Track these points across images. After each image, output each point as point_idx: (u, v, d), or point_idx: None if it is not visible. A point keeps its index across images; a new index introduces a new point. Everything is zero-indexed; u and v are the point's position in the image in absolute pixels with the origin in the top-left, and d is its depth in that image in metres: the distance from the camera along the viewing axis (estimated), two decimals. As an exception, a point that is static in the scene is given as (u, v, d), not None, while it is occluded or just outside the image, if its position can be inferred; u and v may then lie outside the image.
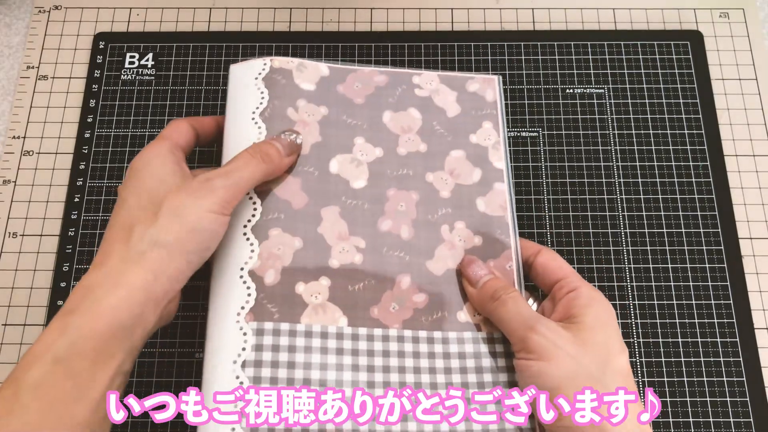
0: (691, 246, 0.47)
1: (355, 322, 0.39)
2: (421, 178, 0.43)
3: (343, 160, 0.42)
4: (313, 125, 0.43)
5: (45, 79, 0.52)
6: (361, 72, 0.45)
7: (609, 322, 0.37)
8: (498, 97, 0.46)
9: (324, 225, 0.41)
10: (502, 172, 0.43)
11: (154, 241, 0.34)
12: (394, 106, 0.44)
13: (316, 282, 0.39)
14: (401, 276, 0.40)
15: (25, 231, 0.48)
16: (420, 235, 0.41)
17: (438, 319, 0.39)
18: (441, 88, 0.46)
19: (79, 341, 0.32)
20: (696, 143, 0.50)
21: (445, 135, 0.44)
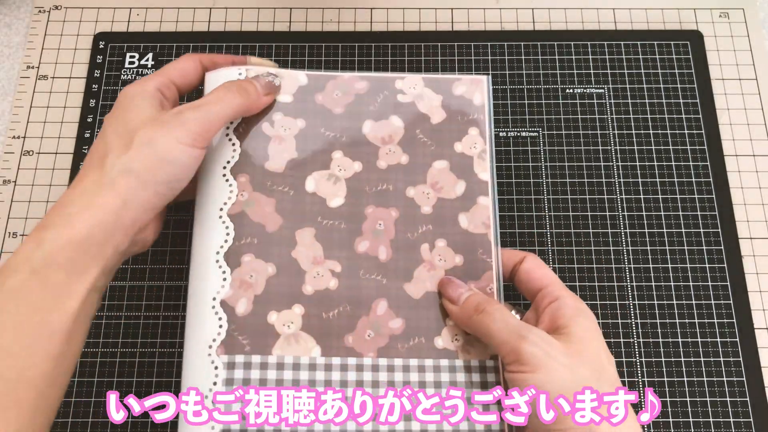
0: (691, 246, 0.47)
1: (328, 351, 0.38)
2: (402, 193, 0.41)
3: (319, 178, 0.41)
4: (289, 140, 0.41)
5: (45, 79, 0.52)
6: (341, 78, 0.43)
7: (596, 334, 0.36)
8: (486, 100, 0.43)
9: (298, 249, 0.39)
10: (486, 185, 0.41)
11: (125, 168, 0.35)
12: (375, 115, 0.43)
13: (289, 311, 0.38)
14: (378, 301, 0.39)
15: (25, 231, 0.48)
16: (398, 256, 0.40)
17: (415, 346, 0.38)
18: (425, 92, 0.43)
19: (53, 252, 0.33)
20: (696, 143, 0.50)
21: (428, 144, 0.42)
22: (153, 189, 0.36)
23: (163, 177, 0.36)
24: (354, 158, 0.42)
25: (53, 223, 0.34)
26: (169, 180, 0.36)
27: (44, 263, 0.33)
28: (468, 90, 0.43)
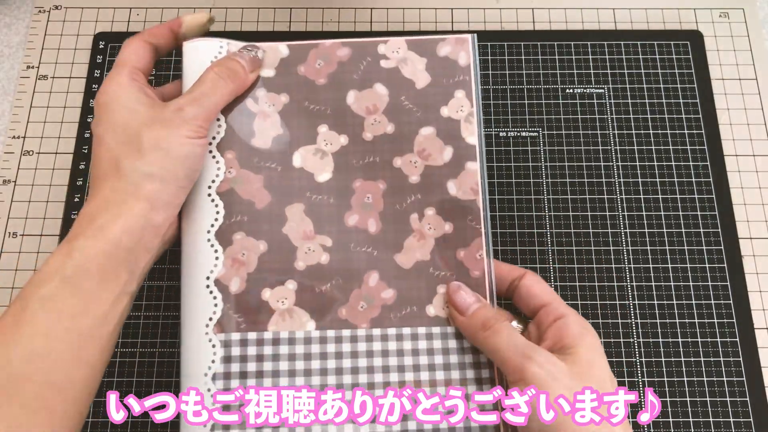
0: (691, 246, 0.47)
1: (322, 325, 0.39)
2: (389, 164, 0.41)
3: (306, 153, 0.41)
4: (274, 116, 0.41)
5: (45, 79, 0.52)
6: (322, 46, 0.42)
7: (600, 353, 0.36)
8: (472, 60, 0.42)
9: (289, 225, 0.40)
10: (474, 149, 0.41)
11: (146, 174, 0.36)
12: (358, 84, 0.42)
13: (282, 287, 0.39)
14: (369, 272, 0.40)
15: (25, 231, 0.48)
16: (388, 227, 0.40)
17: (407, 315, 0.39)
18: (409, 55, 0.42)
19: (85, 262, 0.34)
20: (696, 143, 0.50)
21: (413, 110, 0.42)
22: (175, 186, 0.37)
23: (182, 173, 0.37)
24: (340, 131, 0.42)
25: (83, 234, 0.35)
26: (187, 174, 0.37)
27: (75, 272, 0.34)
28: (453, 50, 0.42)
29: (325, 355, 0.38)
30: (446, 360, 0.38)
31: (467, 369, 0.38)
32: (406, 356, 0.38)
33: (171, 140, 0.36)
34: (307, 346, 0.38)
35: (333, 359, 0.38)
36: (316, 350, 0.38)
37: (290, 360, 0.38)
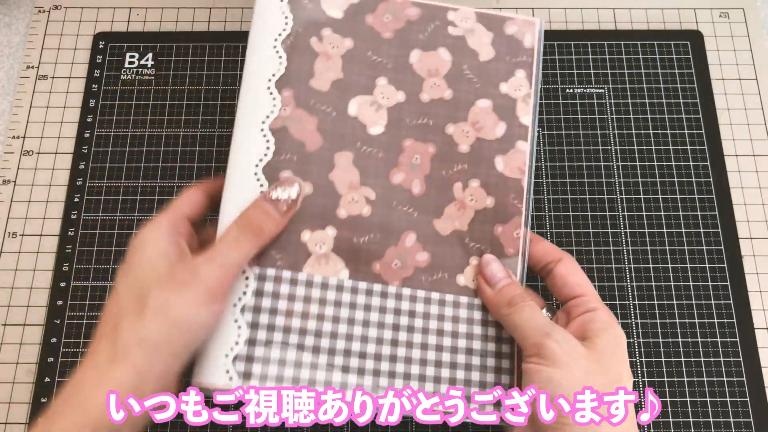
0: (691, 246, 0.47)
1: (356, 275, 0.39)
2: (441, 129, 0.41)
3: (362, 102, 0.41)
4: (336, 59, 0.41)
5: (45, 79, 0.52)
6: (393, 2, 0.43)
7: (622, 350, 0.36)
8: (537, 43, 0.43)
9: (336, 172, 0.40)
10: (527, 129, 0.41)
11: (139, 338, 0.33)
12: (423, 45, 0.42)
13: (323, 231, 0.39)
14: (407, 233, 0.40)
15: (25, 231, 0.48)
16: (431, 191, 0.41)
17: (437, 281, 0.40)
18: (477, 27, 0.43)
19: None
20: (696, 143, 0.50)
21: (473, 81, 0.42)
22: (170, 355, 0.34)
23: (180, 342, 0.34)
24: (398, 87, 0.42)
25: (63, 410, 0.32)
26: (187, 344, 0.35)
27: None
28: (519, 30, 0.43)
29: (354, 306, 0.39)
30: (469, 330, 0.39)
31: (488, 342, 0.39)
32: (431, 320, 0.39)
33: (175, 304, 0.34)
34: (338, 293, 0.39)
35: (362, 310, 0.38)
36: (347, 299, 0.39)
37: (320, 304, 0.38)
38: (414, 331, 0.38)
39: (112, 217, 0.48)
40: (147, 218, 0.48)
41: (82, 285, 0.46)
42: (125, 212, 0.48)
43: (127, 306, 0.34)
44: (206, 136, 0.50)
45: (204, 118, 0.50)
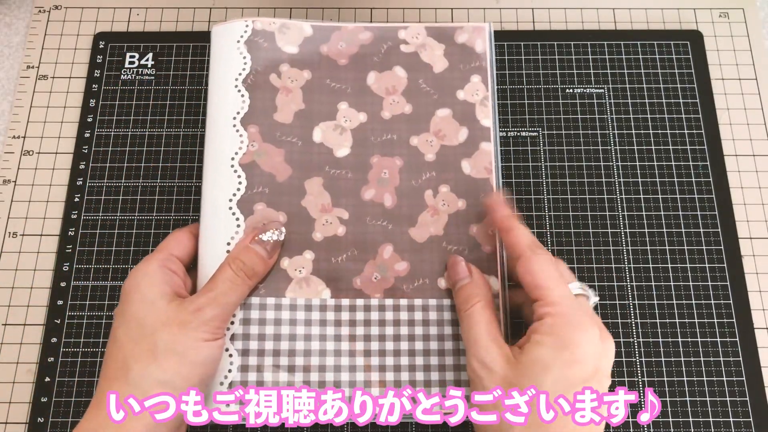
0: (691, 246, 0.47)
1: (338, 293, 0.40)
2: (405, 142, 0.43)
3: (326, 128, 0.42)
4: (296, 92, 0.43)
5: (45, 79, 0.52)
6: (345, 30, 0.45)
7: (547, 363, 0.34)
8: (488, 47, 0.44)
9: (307, 198, 0.41)
10: (489, 131, 0.43)
11: (157, 380, 0.34)
12: (378, 66, 0.44)
13: (300, 256, 0.40)
14: (384, 245, 0.41)
15: (25, 231, 0.48)
16: (403, 202, 0.42)
17: (419, 287, 0.40)
18: (428, 41, 0.44)
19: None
20: (696, 143, 0.50)
21: (431, 93, 0.44)
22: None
23: (196, 379, 0.35)
24: (359, 109, 0.43)
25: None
26: (202, 379, 0.36)
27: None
28: (470, 38, 0.45)
29: (340, 322, 0.39)
30: (455, 332, 0.39)
31: None
32: (416, 326, 0.39)
33: (186, 344, 0.35)
34: (322, 312, 0.39)
35: (347, 326, 0.39)
36: (331, 317, 0.39)
37: (306, 325, 0.39)
38: (401, 340, 0.39)
39: (112, 217, 0.48)
40: (146, 218, 0.48)
41: (82, 285, 0.46)
42: (125, 212, 0.48)
43: (133, 350, 0.35)
44: (206, 136, 0.50)
45: (204, 118, 0.50)
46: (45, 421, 0.43)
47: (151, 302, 0.36)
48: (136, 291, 0.36)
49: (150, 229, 0.47)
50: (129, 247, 0.47)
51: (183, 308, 0.36)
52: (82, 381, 0.44)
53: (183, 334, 0.35)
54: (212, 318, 0.36)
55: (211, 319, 0.36)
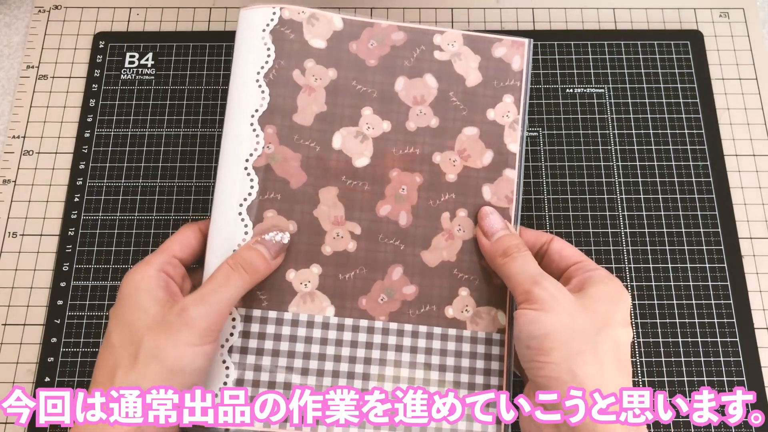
0: (691, 246, 0.47)
1: (342, 312, 0.39)
2: (428, 158, 0.41)
3: (347, 134, 0.41)
4: (320, 92, 0.41)
5: (45, 79, 0.52)
6: (378, 27, 0.42)
7: (617, 300, 0.36)
8: (525, 66, 0.42)
9: (320, 208, 0.40)
10: (514, 157, 0.41)
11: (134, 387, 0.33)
12: (409, 71, 0.41)
13: (307, 270, 0.39)
14: (394, 266, 0.40)
15: (25, 231, 0.48)
16: (418, 222, 0.40)
17: (425, 314, 0.39)
18: (464, 51, 0.42)
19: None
20: (696, 143, 0.50)
21: (460, 108, 0.41)
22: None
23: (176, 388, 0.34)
24: (383, 117, 0.41)
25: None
26: (182, 388, 0.34)
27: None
28: (508, 53, 0.42)
29: (341, 342, 0.38)
30: (458, 363, 0.38)
31: (477, 375, 0.38)
32: (419, 354, 0.39)
33: (167, 349, 0.33)
34: (324, 330, 0.39)
35: (348, 347, 0.38)
36: (333, 336, 0.39)
37: (306, 342, 0.38)
38: (401, 366, 0.38)
39: (112, 217, 0.48)
40: (146, 218, 0.48)
41: (82, 285, 0.46)
42: (125, 212, 0.48)
43: (121, 354, 0.34)
44: (206, 136, 0.50)
45: (204, 118, 0.50)
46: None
47: (144, 308, 0.35)
48: (131, 295, 0.36)
49: (150, 229, 0.47)
50: (129, 247, 0.47)
51: (170, 311, 0.35)
52: (82, 381, 0.44)
53: (166, 338, 0.34)
54: (199, 320, 0.34)
55: (196, 318, 0.34)
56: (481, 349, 0.39)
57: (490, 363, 0.38)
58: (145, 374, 0.33)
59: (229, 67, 0.52)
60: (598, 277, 0.37)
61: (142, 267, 0.37)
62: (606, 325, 0.35)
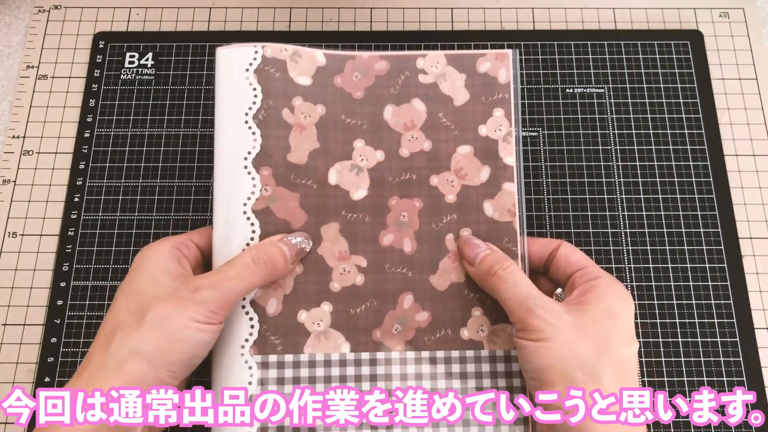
0: (691, 246, 0.47)
1: (357, 347, 0.39)
2: (425, 182, 0.41)
3: (342, 168, 0.41)
4: (311, 129, 0.41)
5: (45, 79, 0.52)
6: (360, 59, 0.42)
7: (619, 314, 0.36)
8: (512, 77, 0.42)
9: (324, 245, 0.40)
10: (512, 170, 0.41)
11: (133, 350, 0.33)
12: (396, 99, 0.42)
13: (318, 308, 0.39)
14: (404, 294, 0.39)
15: (25, 231, 0.48)
16: (423, 248, 0.40)
17: (441, 338, 0.39)
18: (448, 70, 0.42)
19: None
20: (696, 143, 0.50)
21: (451, 128, 0.41)
22: (165, 371, 0.34)
23: (176, 357, 0.34)
24: (376, 147, 0.41)
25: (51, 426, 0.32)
26: (183, 359, 0.34)
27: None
28: (492, 67, 0.42)
29: (360, 378, 0.38)
30: (479, 384, 0.38)
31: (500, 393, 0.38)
32: (439, 380, 0.38)
33: (173, 319, 0.34)
34: (342, 368, 0.38)
35: (367, 382, 0.38)
36: (351, 372, 0.38)
37: (326, 383, 0.38)
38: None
39: (112, 217, 0.48)
40: (146, 218, 0.48)
41: (82, 285, 0.46)
42: (125, 212, 0.48)
43: (123, 319, 0.34)
44: (206, 136, 0.50)
45: (204, 118, 0.50)
46: (45, 421, 0.43)
47: (155, 278, 0.35)
48: (144, 265, 0.36)
49: (150, 229, 0.47)
50: (129, 247, 0.47)
51: (183, 285, 0.35)
52: (82, 381, 0.44)
53: (174, 309, 0.34)
54: (208, 300, 0.35)
55: (207, 301, 0.35)
56: (501, 368, 0.38)
57: (511, 381, 0.38)
58: (147, 339, 0.33)
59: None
60: (600, 289, 0.37)
61: (157, 243, 0.37)
62: (606, 348, 0.35)
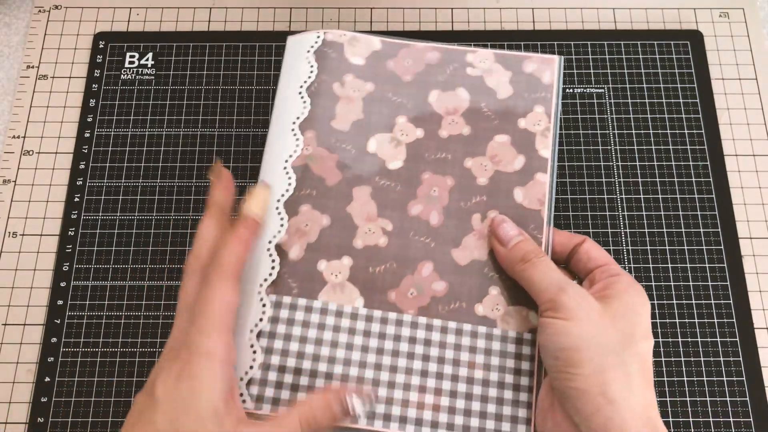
0: (691, 246, 0.47)
1: (371, 304, 0.39)
2: (460, 163, 0.42)
3: (382, 140, 0.42)
4: (357, 102, 0.43)
5: (45, 79, 0.52)
6: (414, 48, 0.44)
7: (640, 310, 0.36)
8: (555, 79, 0.43)
9: (353, 204, 0.41)
10: (546, 162, 0.42)
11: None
12: (442, 85, 0.43)
13: (338, 261, 0.40)
14: (424, 262, 0.40)
15: (25, 231, 0.48)
16: (449, 222, 0.41)
17: (455, 310, 0.39)
18: (495, 67, 0.44)
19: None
20: (696, 143, 0.50)
21: (491, 118, 0.43)
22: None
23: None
24: (417, 125, 0.43)
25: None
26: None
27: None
28: (538, 68, 0.44)
29: (369, 333, 0.39)
30: (487, 360, 0.38)
31: (506, 373, 0.38)
32: (447, 349, 0.39)
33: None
34: (353, 321, 0.39)
35: (376, 338, 0.39)
36: (361, 327, 0.39)
37: (335, 331, 0.38)
38: (429, 360, 0.38)
39: (112, 217, 0.48)
40: (146, 218, 0.48)
41: (82, 285, 0.46)
42: (125, 212, 0.48)
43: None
44: (206, 136, 0.50)
45: (204, 118, 0.50)
46: (45, 421, 0.43)
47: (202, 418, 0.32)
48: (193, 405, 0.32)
49: (150, 229, 0.47)
50: (129, 247, 0.47)
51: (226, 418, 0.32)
52: (82, 381, 0.44)
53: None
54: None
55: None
56: (512, 348, 0.39)
57: (520, 362, 0.38)
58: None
59: (229, 67, 0.52)
60: (621, 285, 0.37)
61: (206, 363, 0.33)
62: (631, 340, 0.35)
